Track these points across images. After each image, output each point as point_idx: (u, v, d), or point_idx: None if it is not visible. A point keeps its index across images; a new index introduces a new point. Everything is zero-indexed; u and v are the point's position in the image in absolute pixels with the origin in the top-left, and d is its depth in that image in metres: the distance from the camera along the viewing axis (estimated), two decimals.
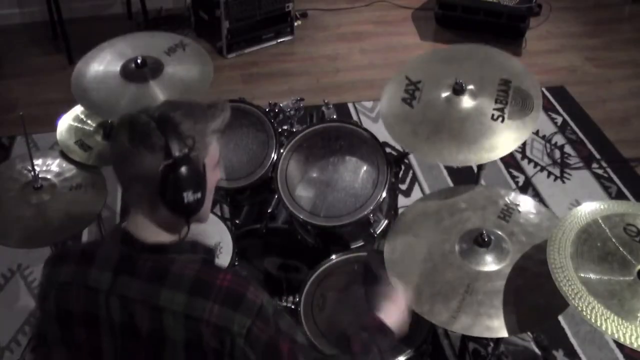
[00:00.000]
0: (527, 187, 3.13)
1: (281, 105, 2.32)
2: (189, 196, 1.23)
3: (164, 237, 1.27)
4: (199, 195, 1.25)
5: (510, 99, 1.96)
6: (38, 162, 2.04)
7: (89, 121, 2.21)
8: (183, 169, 1.21)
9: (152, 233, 1.26)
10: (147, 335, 1.22)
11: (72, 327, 1.27)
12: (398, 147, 3.29)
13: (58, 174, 2.03)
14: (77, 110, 2.24)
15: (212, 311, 1.19)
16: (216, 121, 1.30)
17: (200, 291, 1.20)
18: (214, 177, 1.31)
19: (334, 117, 2.31)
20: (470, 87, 1.98)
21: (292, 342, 1.25)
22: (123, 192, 1.30)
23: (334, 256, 1.91)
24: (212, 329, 1.18)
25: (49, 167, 2.05)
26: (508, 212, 1.82)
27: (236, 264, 1.97)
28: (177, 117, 1.23)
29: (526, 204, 1.85)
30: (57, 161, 2.08)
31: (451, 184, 3.13)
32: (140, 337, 1.22)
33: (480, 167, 2.17)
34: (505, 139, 1.88)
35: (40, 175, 1.98)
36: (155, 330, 1.21)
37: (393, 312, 1.54)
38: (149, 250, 1.25)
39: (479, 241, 1.70)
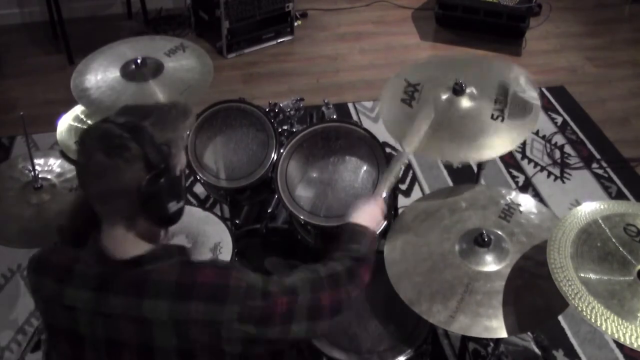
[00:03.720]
0: (527, 187, 3.13)
1: (281, 105, 2.32)
2: (172, 207, 1.22)
3: (141, 248, 1.25)
4: (181, 204, 1.25)
5: (509, 100, 1.97)
6: (40, 161, 2.04)
7: (89, 121, 2.21)
8: (165, 180, 1.19)
9: (129, 246, 1.24)
10: (136, 349, 1.21)
11: (57, 340, 1.27)
12: (398, 147, 3.30)
13: (58, 174, 2.03)
14: (77, 110, 2.24)
15: (197, 310, 1.18)
16: (184, 124, 1.26)
17: (183, 295, 1.19)
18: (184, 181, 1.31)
19: (334, 117, 2.31)
20: (470, 89, 1.98)
21: (284, 294, 1.26)
22: (99, 207, 1.23)
23: None
24: (201, 326, 1.18)
25: (50, 167, 2.05)
26: (509, 212, 1.82)
27: None
28: (147, 126, 1.19)
29: (528, 203, 1.85)
30: (58, 161, 2.08)
31: (451, 184, 3.13)
32: (128, 352, 1.22)
33: (480, 167, 2.17)
34: (505, 137, 1.89)
35: (40, 176, 1.98)
36: (143, 343, 1.20)
37: (368, 210, 1.58)
38: (125, 266, 1.23)
39: (479, 241, 1.70)
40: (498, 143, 1.88)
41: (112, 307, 1.21)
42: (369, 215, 1.58)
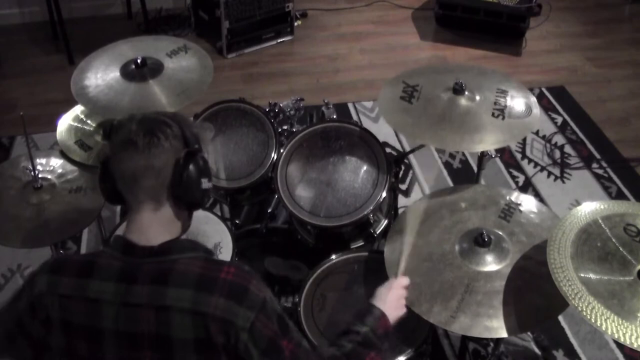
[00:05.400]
0: (527, 187, 3.13)
1: (281, 105, 2.32)
2: (205, 183, 1.28)
3: (166, 235, 1.27)
4: (210, 185, 1.30)
5: (507, 103, 1.98)
6: (42, 161, 2.05)
7: (88, 121, 2.21)
8: (200, 157, 1.27)
9: (154, 232, 1.26)
10: (154, 342, 1.21)
11: (74, 339, 1.26)
12: (398, 147, 3.30)
13: (58, 175, 2.03)
14: (77, 110, 2.24)
15: (217, 305, 1.19)
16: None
17: (206, 286, 1.20)
18: None
19: (334, 117, 2.31)
20: (469, 92, 1.99)
21: (297, 344, 1.26)
22: (128, 187, 1.26)
23: (334, 256, 1.91)
24: (218, 323, 1.18)
25: (50, 167, 2.05)
26: (509, 212, 1.82)
27: None
28: (179, 119, 1.29)
29: (528, 203, 1.85)
30: (58, 161, 2.08)
31: (451, 184, 3.13)
32: (147, 345, 1.22)
33: (480, 167, 2.17)
34: (507, 131, 1.90)
35: (40, 176, 1.98)
36: (162, 334, 1.20)
37: (387, 296, 1.54)
38: (150, 255, 1.24)
39: (479, 241, 1.70)
40: (499, 136, 1.89)
41: (138, 296, 1.21)
42: (389, 301, 1.53)
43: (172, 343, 1.21)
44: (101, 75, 2.08)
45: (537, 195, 3.07)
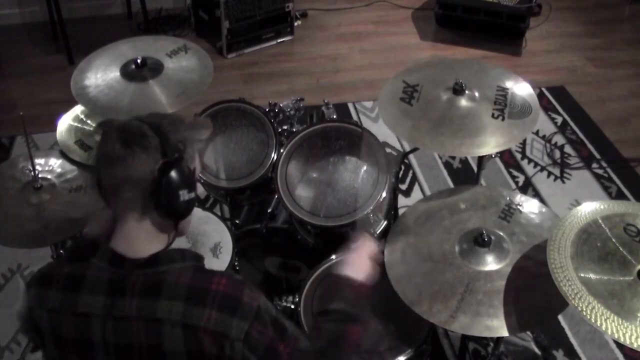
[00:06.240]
0: (527, 187, 3.13)
1: (281, 105, 2.32)
2: (184, 195, 1.24)
3: (153, 246, 1.25)
4: (192, 195, 1.27)
5: (508, 102, 1.98)
6: (40, 161, 2.04)
7: (88, 121, 2.21)
8: (178, 168, 1.23)
9: (142, 243, 1.24)
10: (147, 353, 1.20)
11: (65, 352, 1.25)
12: (398, 147, 3.30)
13: (58, 174, 2.03)
14: (77, 110, 2.24)
15: (209, 318, 1.17)
16: (200, 132, 1.32)
17: (197, 298, 1.19)
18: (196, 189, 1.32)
19: (334, 117, 2.31)
20: (469, 90, 1.98)
21: (294, 346, 1.24)
22: (111, 199, 1.26)
23: (334, 256, 1.91)
24: (211, 335, 1.17)
25: (50, 167, 2.05)
26: (509, 212, 1.82)
27: (236, 264, 1.98)
28: (166, 124, 1.26)
29: (528, 203, 1.85)
30: (58, 161, 2.08)
31: (451, 184, 3.13)
32: (139, 357, 1.21)
33: (480, 167, 2.17)
34: (506, 134, 1.89)
35: (40, 175, 1.97)
36: (154, 346, 1.20)
37: (350, 260, 1.48)
38: (139, 267, 1.23)
39: (479, 241, 1.70)
40: (499, 139, 1.89)
41: (127, 309, 1.20)
42: (353, 264, 1.48)
43: (164, 354, 1.20)
44: (101, 75, 2.08)
45: (537, 195, 3.07)
